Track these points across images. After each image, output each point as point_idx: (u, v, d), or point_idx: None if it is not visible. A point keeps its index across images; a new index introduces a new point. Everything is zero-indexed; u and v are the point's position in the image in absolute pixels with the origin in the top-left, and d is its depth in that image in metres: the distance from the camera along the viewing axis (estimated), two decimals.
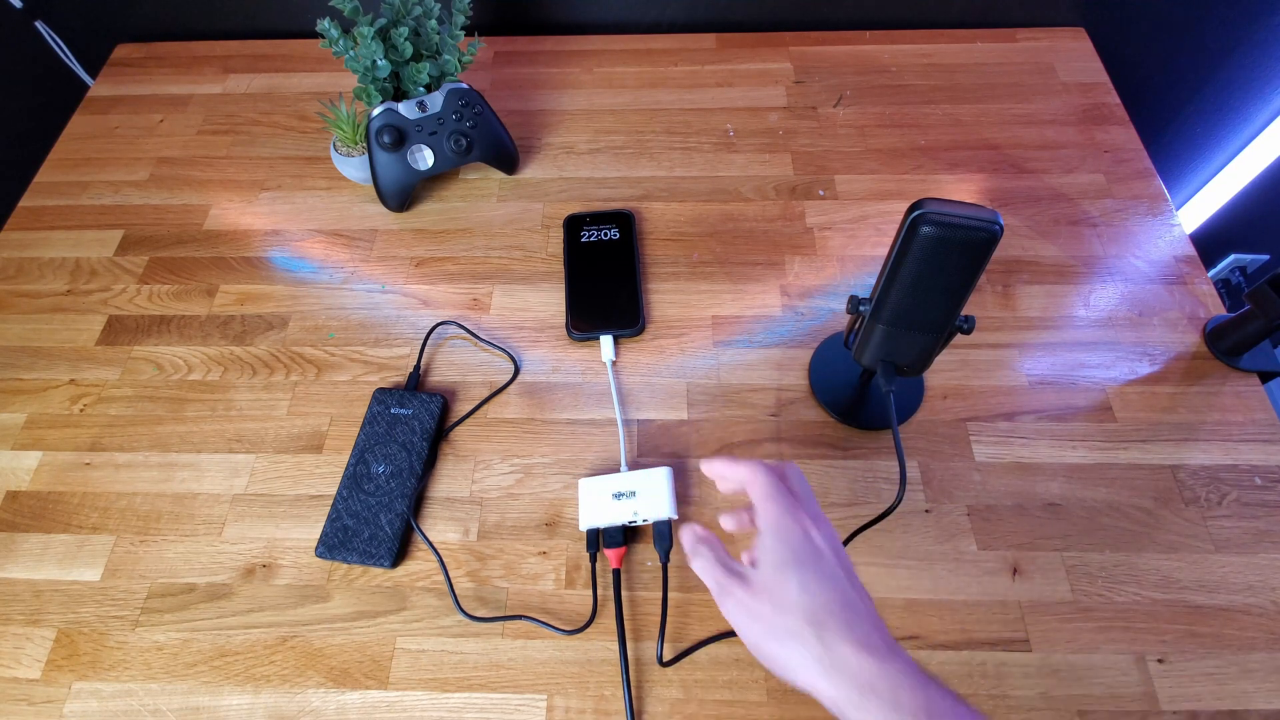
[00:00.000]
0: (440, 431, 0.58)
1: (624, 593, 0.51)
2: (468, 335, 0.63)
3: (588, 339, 0.62)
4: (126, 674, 0.49)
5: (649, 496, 0.51)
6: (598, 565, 0.52)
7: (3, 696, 0.49)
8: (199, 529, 0.55)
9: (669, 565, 0.51)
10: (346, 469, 0.56)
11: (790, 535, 0.34)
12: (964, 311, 0.44)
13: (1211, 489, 0.54)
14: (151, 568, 0.53)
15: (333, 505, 0.54)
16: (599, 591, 0.51)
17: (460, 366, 0.62)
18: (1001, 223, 0.38)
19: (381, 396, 0.59)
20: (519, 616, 0.50)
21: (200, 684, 0.49)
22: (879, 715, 0.29)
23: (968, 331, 0.45)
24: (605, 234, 0.66)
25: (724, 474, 0.39)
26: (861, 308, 0.46)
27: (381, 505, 0.54)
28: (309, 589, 0.52)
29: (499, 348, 0.62)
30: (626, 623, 0.50)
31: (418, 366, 0.61)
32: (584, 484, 0.53)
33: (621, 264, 0.65)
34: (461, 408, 0.59)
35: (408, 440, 0.56)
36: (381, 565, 0.52)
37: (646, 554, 0.52)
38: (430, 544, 0.52)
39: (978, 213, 0.38)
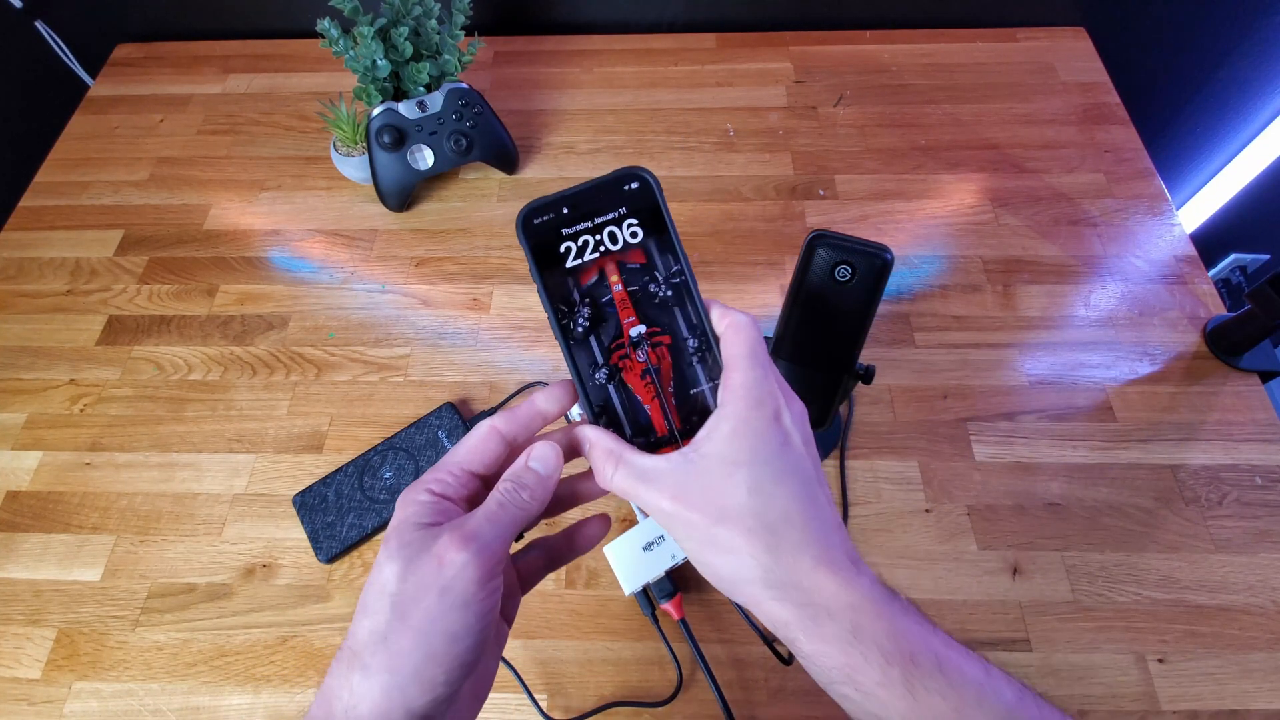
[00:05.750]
0: None
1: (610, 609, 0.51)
2: None
3: None
4: (127, 674, 0.49)
5: None
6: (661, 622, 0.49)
7: (3, 696, 0.49)
8: (199, 529, 0.55)
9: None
10: (368, 451, 0.56)
11: (757, 419, 0.26)
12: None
13: (1212, 489, 0.54)
14: (151, 568, 0.53)
15: (333, 472, 0.55)
16: (671, 645, 0.48)
17: None
18: (892, 255, 0.40)
19: (444, 413, 0.58)
20: (606, 706, 0.47)
21: (200, 684, 0.49)
22: (835, 643, 0.24)
23: (868, 381, 0.44)
24: None
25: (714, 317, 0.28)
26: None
27: (358, 507, 0.54)
28: (309, 589, 0.52)
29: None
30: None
31: (491, 410, 0.58)
32: (611, 550, 0.49)
33: None
34: None
35: (425, 469, 0.55)
36: (318, 558, 0.52)
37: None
38: (509, 666, 0.49)
39: (871, 243, 0.41)
